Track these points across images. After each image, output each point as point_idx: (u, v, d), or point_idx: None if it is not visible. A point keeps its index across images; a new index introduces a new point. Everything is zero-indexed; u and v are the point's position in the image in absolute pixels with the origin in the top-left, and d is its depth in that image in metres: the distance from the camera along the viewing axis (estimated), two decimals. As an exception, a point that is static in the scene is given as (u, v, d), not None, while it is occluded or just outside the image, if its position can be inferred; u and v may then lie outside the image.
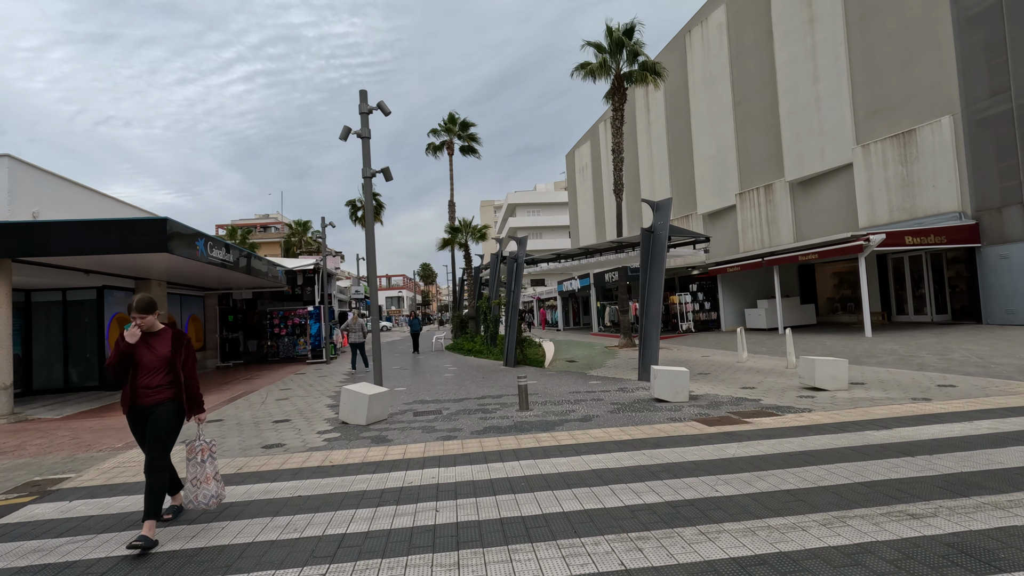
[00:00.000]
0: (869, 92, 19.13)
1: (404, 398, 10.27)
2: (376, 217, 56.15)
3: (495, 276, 20.39)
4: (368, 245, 8.23)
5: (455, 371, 14.94)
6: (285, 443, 6.92)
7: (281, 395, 11.62)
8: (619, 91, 19.66)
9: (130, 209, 14.47)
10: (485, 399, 9.70)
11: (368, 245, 8.23)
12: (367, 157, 8.34)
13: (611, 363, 14.97)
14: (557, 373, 13.28)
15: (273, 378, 15.28)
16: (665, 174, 33.42)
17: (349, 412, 7.90)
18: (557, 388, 10.62)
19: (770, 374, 10.99)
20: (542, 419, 7.61)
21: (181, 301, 17.76)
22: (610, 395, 9.45)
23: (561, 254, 14.88)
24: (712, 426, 6.59)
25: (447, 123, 35.23)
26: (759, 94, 24.78)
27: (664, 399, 8.46)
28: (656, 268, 11.17)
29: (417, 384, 12.43)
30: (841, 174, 20.44)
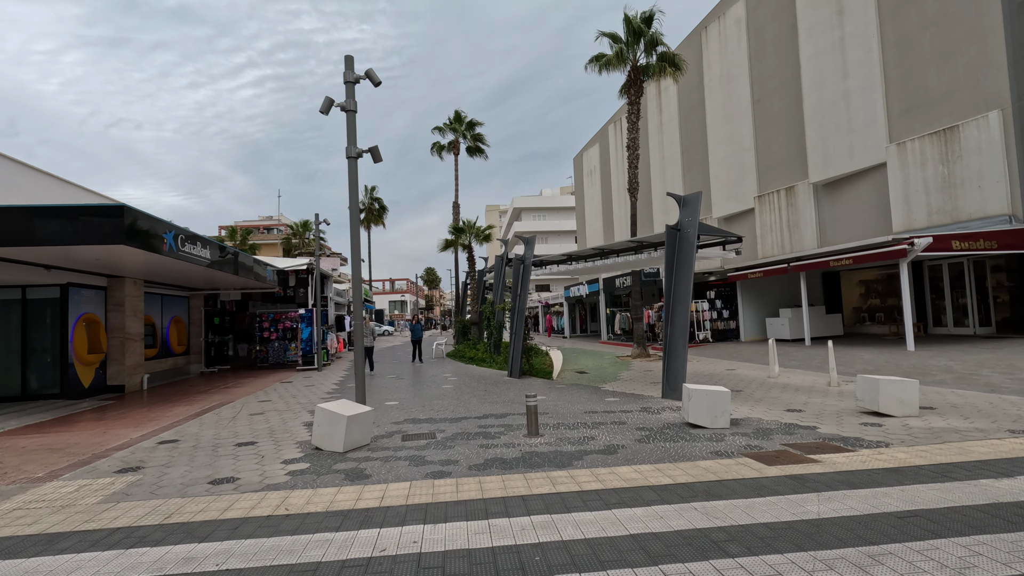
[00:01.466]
0: (904, 87, 17.78)
1: (394, 416, 8.94)
2: (379, 220, 55.27)
3: (500, 279, 19.08)
4: (353, 235, 6.96)
5: (455, 382, 13.61)
6: (239, 477, 5.60)
7: (257, 408, 10.31)
8: (635, 84, 18.40)
9: (95, 198, 13.17)
10: (487, 419, 8.36)
11: (353, 235, 6.96)
12: (352, 134, 7.09)
13: (626, 375, 13.62)
14: (567, 387, 11.94)
15: (256, 387, 13.99)
16: (678, 177, 32.11)
17: (324, 436, 6.58)
18: (570, 406, 9.27)
19: (813, 393, 9.61)
20: (556, 449, 6.27)
21: (162, 301, 16.52)
22: (633, 417, 8.10)
23: (572, 255, 13.57)
24: (771, 465, 5.24)
25: (452, 122, 34.10)
26: (780, 91, 23.47)
27: (700, 424, 7.11)
28: (683, 270, 9.84)
29: (411, 398, 11.11)
30: (872, 175, 19.07)
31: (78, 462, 6.49)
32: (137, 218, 8.77)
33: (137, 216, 8.75)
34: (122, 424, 9.05)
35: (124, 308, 13.63)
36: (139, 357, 14.17)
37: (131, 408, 10.96)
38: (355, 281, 6.91)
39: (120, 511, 4.66)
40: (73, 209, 8.34)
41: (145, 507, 4.73)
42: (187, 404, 11.24)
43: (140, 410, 10.62)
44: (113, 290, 13.61)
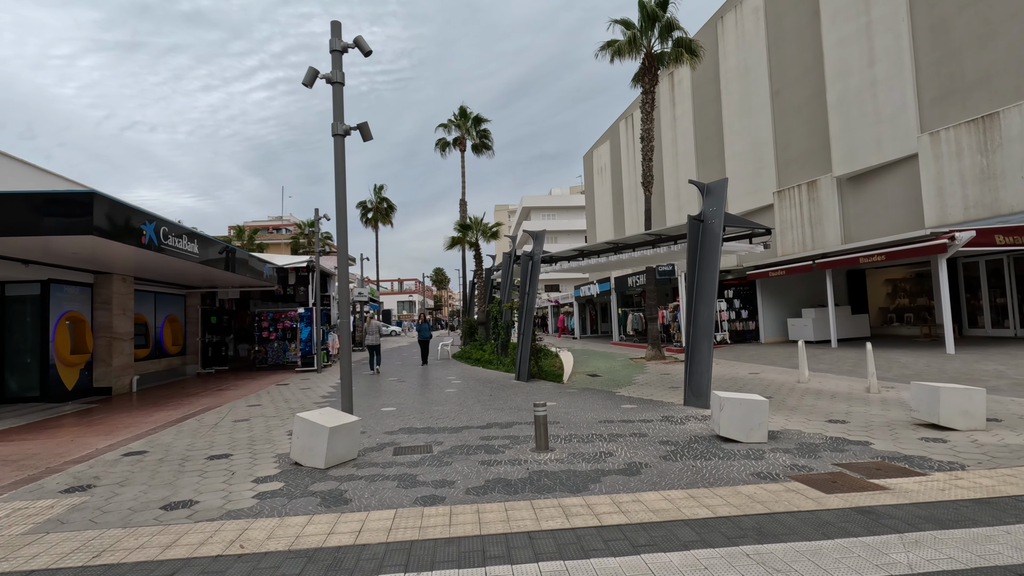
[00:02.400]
0: (938, 72, 16.73)
1: (388, 424, 8.13)
2: (387, 219, 54.66)
3: (508, 278, 18.25)
4: (339, 220, 6.16)
5: (459, 385, 12.78)
6: (199, 500, 4.80)
7: (244, 413, 9.54)
8: (650, 72, 17.50)
9: (69, 185, 12.35)
10: (491, 429, 7.51)
11: (339, 220, 6.16)
12: (339, 109, 6.29)
13: (641, 379, 12.73)
14: (579, 391, 11.07)
15: (249, 389, 13.25)
16: (692, 173, 31.10)
17: (303, 450, 5.77)
18: (583, 414, 8.40)
19: (852, 400, 8.67)
20: (568, 467, 5.41)
21: (156, 300, 15.86)
22: (654, 427, 7.22)
23: (584, 251, 12.69)
24: (830, 493, 4.35)
25: (458, 118, 33.35)
26: (801, 82, 22.43)
27: (733, 438, 6.22)
28: (707, 265, 8.94)
29: (410, 403, 10.30)
30: (902, 167, 18.02)
31: (27, 478, 5.74)
32: (110, 207, 8.03)
33: (110, 205, 8.01)
34: (94, 431, 8.32)
35: (112, 306, 12.96)
36: (128, 358, 13.49)
37: (112, 412, 10.24)
38: (341, 270, 6.11)
39: (44, 546, 3.87)
40: (37, 196, 7.61)
41: (75, 541, 3.93)
42: (172, 408, 10.50)
43: (120, 415, 9.89)
44: (100, 287, 12.94)
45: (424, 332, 19.18)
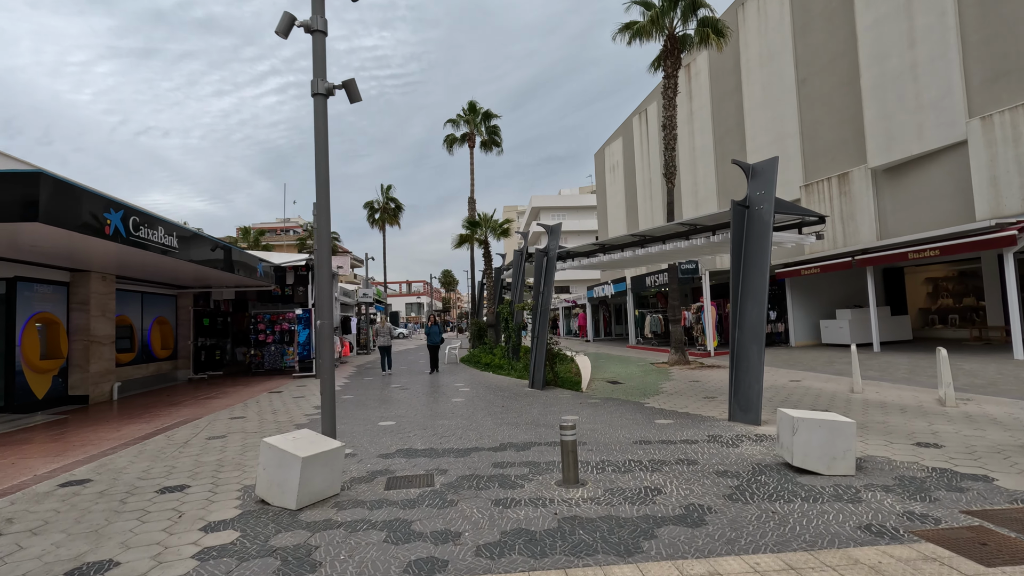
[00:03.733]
0: (989, 52, 15.34)
1: (385, 443, 6.94)
2: (394, 220, 53.72)
3: (519, 276, 17.03)
4: (319, 196, 4.95)
5: (467, 394, 11.58)
6: (121, 562, 3.62)
7: (223, 428, 8.39)
8: (672, 55, 16.24)
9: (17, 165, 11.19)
10: (506, 451, 6.29)
11: (319, 196, 4.95)
12: (320, 63, 5.12)
13: (668, 387, 11.46)
14: (602, 402, 9.82)
15: (238, 397, 12.13)
16: (711, 168, 29.76)
17: (271, 485, 4.58)
18: (612, 431, 7.16)
19: (930, 416, 7.36)
20: (609, 512, 4.18)
21: (143, 300, 14.80)
22: (703, 451, 5.96)
23: (605, 245, 11.45)
24: (989, 566, 3.08)
25: (467, 113, 32.21)
26: (830, 68, 21.06)
27: (810, 469, 4.95)
28: (755, 257, 7.68)
29: (412, 415, 9.10)
30: (947, 155, 16.61)
31: (-72, 518, 4.59)
32: (61, 190, 6.91)
33: (61, 188, 6.88)
34: (44, 451, 7.19)
35: (89, 307, 11.89)
36: (108, 363, 12.42)
37: (80, 426, 9.14)
38: (321, 257, 4.91)
39: None
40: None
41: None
42: (146, 420, 9.37)
43: (86, 429, 8.78)
44: (76, 286, 11.88)
45: (434, 336, 17.18)
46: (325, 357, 5.10)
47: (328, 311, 5.18)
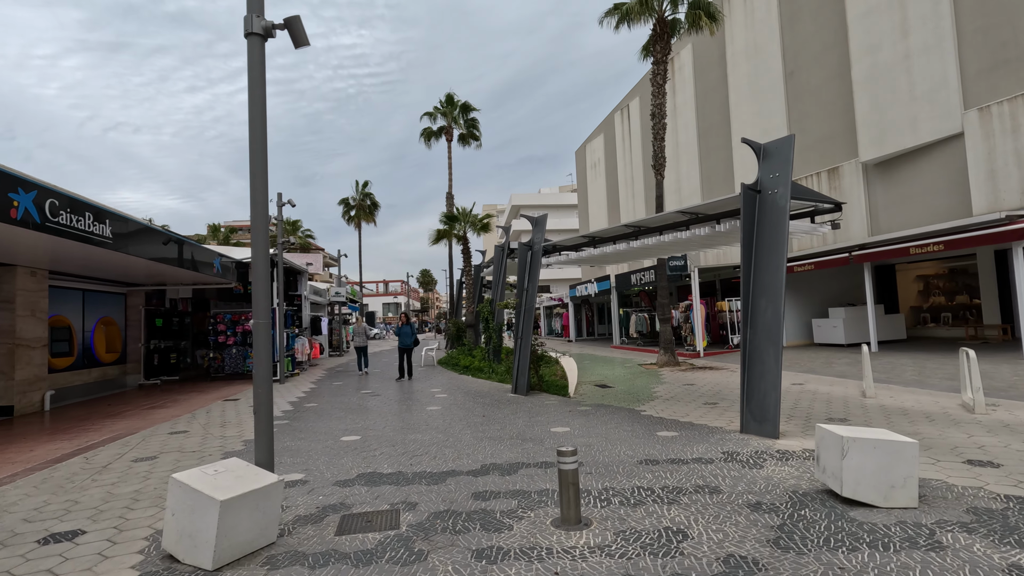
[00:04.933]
0: (985, 40, 14.85)
1: (344, 465, 5.87)
2: (370, 217, 52.26)
3: (500, 273, 16.03)
4: (254, 157, 3.85)
5: (444, 401, 10.53)
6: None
7: (157, 447, 7.20)
8: (662, 40, 15.44)
9: None
10: (488, 476, 5.28)
11: (254, 157, 3.85)
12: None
13: (662, 392, 10.58)
14: (594, 409, 8.87)
15: (188, 406, 10.87)
16: (694, 164, 29.14)
17: (181, 537, 3.49)
18: (610, 447, 6.20)
19: (965, 425, 6.57)
20: (626, 571, 3.19)
21: (84, 299, 13.37)
22: (721, 472, 5.03)
23: (595, 237, 10.50)
24: None
25: (444, 104, 31.16)
26: (819, 60, 20.52)
27: (864, 501, 4.04)
28: (770, 248, 6.81)
29: (380, 428, 8.02)
30: (942, 148, 16.10)
31: None
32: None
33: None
34: (-72, 479, 5.92)
35: (15, 306, 10.51)
36: (38, 369, 11.04)
37: (-12, 444, 7.83)
38: (257, 234, 3.82)
39: None
40: None
41: None
42: (70, 437, 8.10)
43: (-5, 448, 7.48)
44: (2, 280, 10.48)
45: (405, 338, 14.80)
46: (261, 367, 4.00)
47: (264, 308, 4.09)
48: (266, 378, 4.05)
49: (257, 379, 4.03)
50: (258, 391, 4.00)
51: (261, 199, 3.95)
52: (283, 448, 6.78)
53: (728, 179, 26.54)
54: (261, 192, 3.97)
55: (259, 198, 3.94)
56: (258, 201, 3.92)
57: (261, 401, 3.98)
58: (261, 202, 3.96)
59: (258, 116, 4.05)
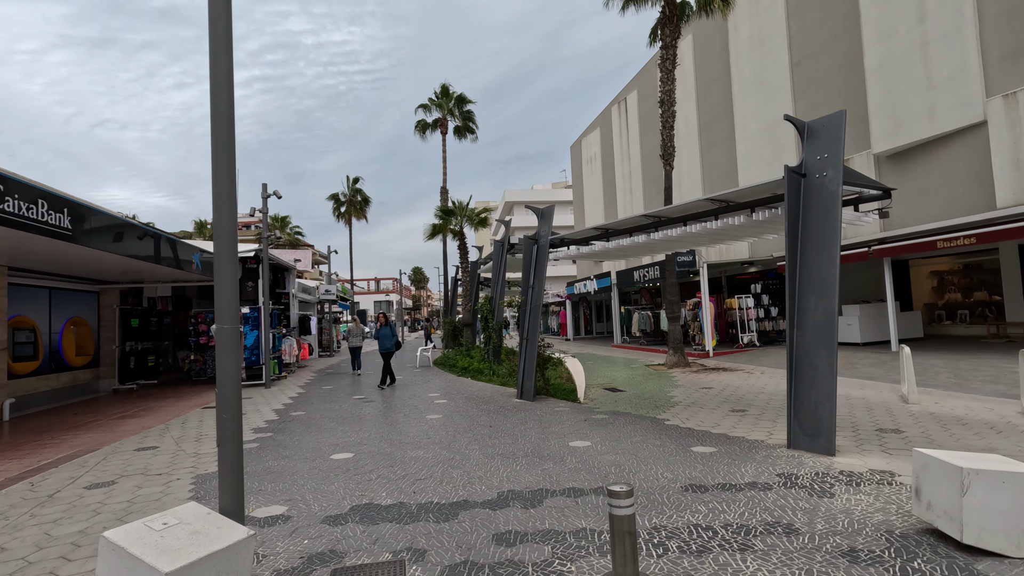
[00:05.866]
0: (1008, 24, 14.16)
1: (334, 494, 4.99)
2: (361, 213, 51.13)
3: (500, 269, 15.16)
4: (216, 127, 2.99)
5: (444, 408, 9.64)
6: None
7: (116, 469, 6.27)
8: (671, 22, 14.60)
9: None
10: (509, 510, 4.42)
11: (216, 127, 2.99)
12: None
13: (680, 396, 9.77)
14: (610, 417, 8.04)
15: (163, 415, 9.90)
16: (695, 158, 28.40)
17: (114, 618, 2.57)
18: (642, 466, 5.36)
19: (1041, 439, 5.80)
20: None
21: (51, 298, 12.33)
22: (786, 502, 4.21)
23: (608, 229, 9.64)
24: None
25: (439, 96, 30.17)
26: (828, 49, 19.81)
27: (990, 550, 3.22)
28: (819, 238, 6.01)
29: (374, 443, 7.13)
30: (962, 138, 15.42)
31: None
32: None
33: None
34: None
35: (-32, 305, 9.48)
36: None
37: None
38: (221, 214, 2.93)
39: None
40: None
41: None
42: (21, 455, 7.13)
43: (-70, 470, 6.50)
44: (-49, 280, 9.45)
45: (385, 341, 13.11)
46: (227, 384, 3.08)
47: (230, 309, 3.19)
48: (232, 398, 3.15)
49: (222, 400, 3.13)
50: (223, 416, 3.10)
51: (226, 172, 3.05)
52: (264, 470, 5.87)
53: (731, 174, 25.82)
54: (226, 165, 3.07)
55: (224, 170, 3.04)
56: (222, 173, 3.02)
57: (226, 429, 3.08)
58: (226, 176, 3.05)
59: (221, 60, 3.15)
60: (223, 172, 3.16)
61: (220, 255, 3.20)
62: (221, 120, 3.28)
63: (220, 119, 3.27)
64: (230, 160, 3.19)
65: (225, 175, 3.16)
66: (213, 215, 3.19)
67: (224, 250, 3.19)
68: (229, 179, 3.18)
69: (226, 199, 3.19)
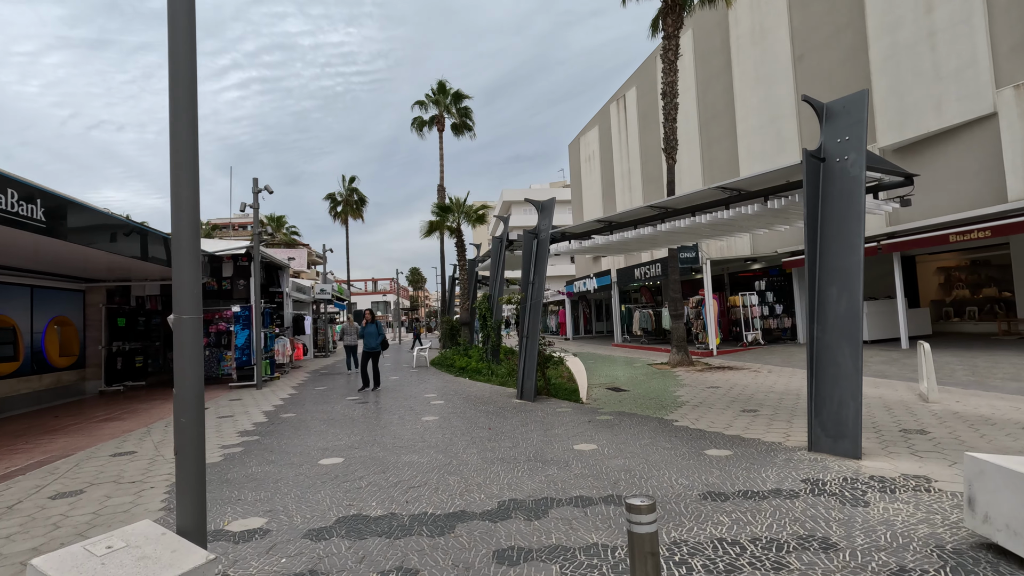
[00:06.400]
0: (1020, 13, 13.82)
1: (320, 504, 4.58)
2: (357, 213, 50.66)
3: (498, 266, 14.76)
4: (175, 69, 2.60)
5: (441, 410, 9.23)
6: None
7: (87, 477, 5.84)
8: (673, 12, 14.22)
9: None
10: (511, 522, 4.01)
11: (175, 69, 2.60)
12: None
13: (686, 396, 9.38)
14: (615, 418, 7.63)
15: (146, 418, 9.47)
16: (695, 155, 28.03)
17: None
18: (654, 471, 4.96)
19: (1080, 440, 5.41)
20: None
21: (33, 296, 11.88)
22: (816, 511, 3.81)
23: (612, 221, 9.23)
24: None
25: (436, 93, 29.78)
26: (832, 42, 19.47)
27: (1061, 567, 2.82)
28: (839, 228, 5.63)
29: (366, 448, 6.71)
30: (970, 131, 15.08)
31: None
32: None
33: None
34: None
35: (-59, 304, 9.03)
36: (-29, 377, 9.58)
37: None
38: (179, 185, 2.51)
39: None
40: None
41: None
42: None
43: None
44: (-77, 276, 9.01)
45: (370, 340, 12.07)
46: (186, 383, 2.66)
47: (191, 297, 2.77)
48: (193, 400, 2.73)
49: (180, 402, 2.71)
50: (181, 420, 2.68)
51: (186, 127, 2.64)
52: (246, 477, 5.45)
53: (732, 171, 25.46)
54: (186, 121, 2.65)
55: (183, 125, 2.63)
56: (181, 127, 2.61)
57: (185, 436, 2.66)
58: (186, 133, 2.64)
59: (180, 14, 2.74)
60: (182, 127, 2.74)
61: (179, 232, 2.79)
62: (179, 67, 2.85)
63: (178, 62, 2.85)
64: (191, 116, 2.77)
65: (184, 128, 2.73)
66: (171, 183, 2.77)
67: (184, 226, 2.78)
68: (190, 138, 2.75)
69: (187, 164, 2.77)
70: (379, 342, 12.16)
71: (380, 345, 12.19)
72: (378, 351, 12.23)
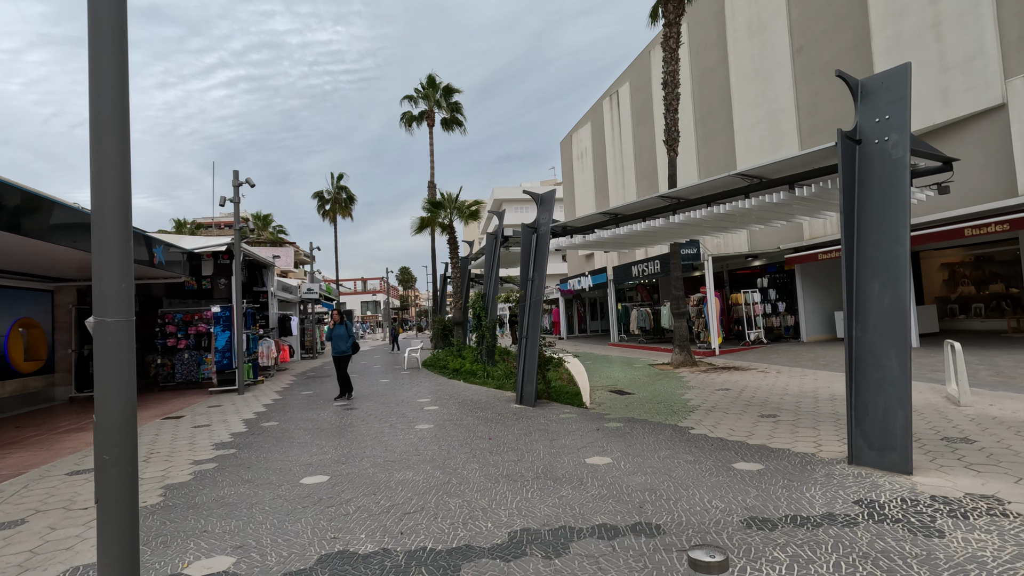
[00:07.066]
0: (1030, 2, 13.42)
1: (300, 537, 3.93)
2: (346, 211, 49.76)
3: (493, 263, 14.13)
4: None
5: (436, 416, 8.58)
6: None
7: (35, 502, 5.15)
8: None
9: None
10: (528, 560, 3.40)
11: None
12: None
13: (696, 400, 8.82)
14: (625, 425, 7.04)
15: (117, 429, 8.72)
16: (691, 150, 27.59)
17: None
18: (686, 493, 4.36)
19: None
20: None
21: (-5, 297, 11.06)
22: (882, 542, 3.23)
23: (618, 213, 8.64)
24: None
25: (426, 87, 29.07)
26: (831, 34, 19.05)
27: None
28: (880, 217, 5.08)
29: (355, 463, 6.06)
30: (977, 123, 14.69)
31: None
32: None
33: None
34: None
35: None
36: (-79, 385, 8.77)
37: None
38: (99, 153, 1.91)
39: None
40: None
41: None
42: (-68, 481, 5.94)
43: None
44: None
45: (339, 343, 10.84)
46: (111, 400, 2.03)
47: (117, 293, 2.14)
48: (121, 427, 2.07)
49: (103, 430, 2.04)
50: (103, 457, 1.98)
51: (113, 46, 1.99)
52: (215, 501, 4.78)
53: (729, 166, 25.00)
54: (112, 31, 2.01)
55: (107, 40, 1.98)
56: (102, 50, 1.97)
57: (111, 479, 1.98)
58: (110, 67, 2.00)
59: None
60: (104, 53, 2.08)
61: (100, 205, 2.12)
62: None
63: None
64: (120, 57, 2.12)
65: (109, 70, 2.08)
66: (91, 136, 2.11)
67: (107, 199, 2.12)
68: (117, 75, 2.10)
69: (111, 102, 2.11)
70: (349, 345, 10.87)
71: (350, 348, 10.92)
72: (348, 354, 10.92)
